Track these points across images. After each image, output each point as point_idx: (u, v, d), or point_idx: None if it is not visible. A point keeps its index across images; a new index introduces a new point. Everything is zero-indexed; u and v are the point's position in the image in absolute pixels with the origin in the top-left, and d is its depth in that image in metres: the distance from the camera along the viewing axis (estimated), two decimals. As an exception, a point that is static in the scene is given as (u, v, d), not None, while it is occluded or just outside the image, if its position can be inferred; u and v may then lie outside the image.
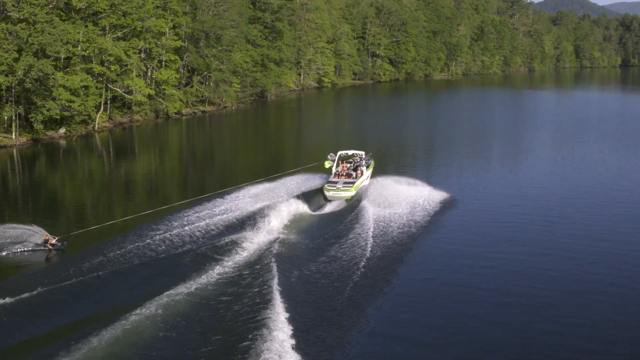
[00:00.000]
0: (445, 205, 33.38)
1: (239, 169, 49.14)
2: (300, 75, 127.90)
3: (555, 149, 54.01)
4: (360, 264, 24.33)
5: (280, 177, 38.19)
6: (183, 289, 21.41)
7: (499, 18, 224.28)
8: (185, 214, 30.78)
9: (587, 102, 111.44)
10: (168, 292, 21.03)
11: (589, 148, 53.81)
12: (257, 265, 23.86)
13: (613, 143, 56.56)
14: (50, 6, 58.75)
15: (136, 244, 26.21)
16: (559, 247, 27.09)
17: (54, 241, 26.60)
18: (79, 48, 59.67)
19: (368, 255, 25.16)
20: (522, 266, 24.91)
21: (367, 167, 38.78)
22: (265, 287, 21.39)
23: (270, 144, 62.92)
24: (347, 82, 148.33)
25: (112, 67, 61.76)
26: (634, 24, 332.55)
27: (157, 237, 27.04)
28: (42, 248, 26.48)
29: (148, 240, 26.57)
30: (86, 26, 60.30)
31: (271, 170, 40.88)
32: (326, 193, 35.07)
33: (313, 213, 32.31)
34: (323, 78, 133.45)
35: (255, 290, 21.35)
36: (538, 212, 32.73)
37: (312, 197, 34.64)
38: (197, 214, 30.86)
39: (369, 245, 26.38)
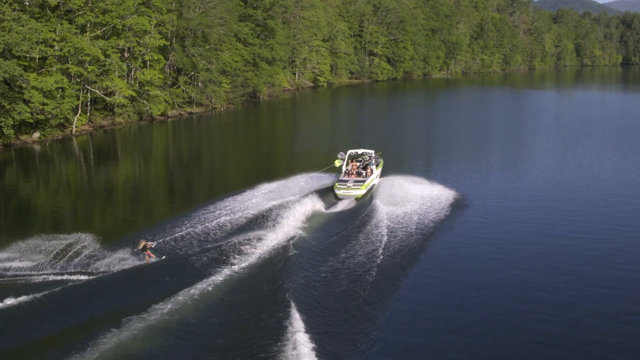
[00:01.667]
0: (455, 204, 33.29)
1: (234, 173, 47.13)
2: (295, 74, 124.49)
3: (560, 156, 50.37)
4: (375, 262, 24.53)
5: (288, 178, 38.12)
6: (197, 288, 21.48)
7: (499, 16, 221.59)
8: (195, 215, 30.73)
9: (590, 103, 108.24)
10: (182, 292, 21.06)
11: (596, 155, 50.17)
12: (272, 263, 24.15)
13: (621, 150, 52.96)
14: (26, 3, 55.42)
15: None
16: (569, 254, 26.53)
17: (153, 245, 25.18)
18: (55, 48, 56.28)
19: (382, 254, 25.34)
20: (534, 268, 24.70)
21: (377, 165, 38.76)
22: (281, 285, 21.57)
23: (262, 147, 60.14)
24: (344, 82, 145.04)
25: (90, 68, 58.16)
26: (634, 22, 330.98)
27: (167, 238, 27.05)
28: (146, 261, 24.41)
29: (159, 241, 26.43)
30: (61, 24, 56.67)
31: (265, 175, 39.93)
32: (337, 192, 35.31)
33: (325, 211, 32.74)
34: (318, 77, 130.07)
35: (271, 288, 21.59)
36: (546, 222, 31.26)
37: (322, 195, 34.63)
38: (209, 214, 30.82)
39: (383, 243, 26.56)
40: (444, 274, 24.14)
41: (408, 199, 33.40)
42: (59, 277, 22.81)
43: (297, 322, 18.59)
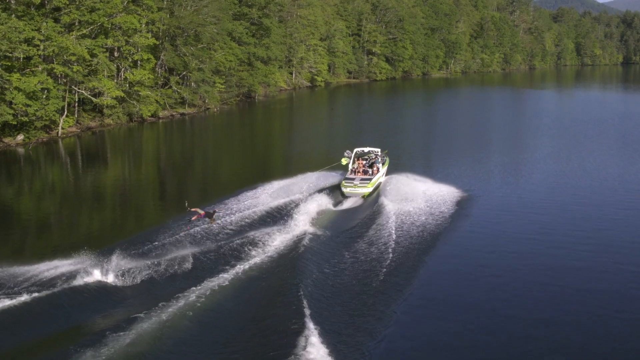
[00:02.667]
0: (462, 202, 33.49)
1: (232, 174, 45.86)
2: (291, 74, 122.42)
3: (564, 160, 48.22)
4: (384, 259, 24.59)
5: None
6: (209, 287, 21.43)
7: (499, 15, 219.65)
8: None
9: (592, 103, 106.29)
10: (191, 290, 21.03)
11: (601, 160, 47.89)
12: (284, 261, 24.14)
13: (627, 153, 50.82)
14: (11, 1, 53.34)
15: (164, 240, 26.22)
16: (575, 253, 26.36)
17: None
18: (40, 47, 54.21)
19: (392, 251, 25.41)
20: (543, 266, 24.75)
21: (383, 164, 39.12)
22: (293, 283, 21.51)
23: (257, 148, 58.48)
24: (342, 81, 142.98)
25: (75, 68, 56.03)
26: (635, 21, 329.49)
27: (172, 239, 26.64)
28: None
29: (169, 239, 26.34)
30: (46, 23, 54.53)
31: (262, 176, 39.42)
32: (344, 189, 35.55)
33: (333, 209, 32.82)
34: (316, 77, 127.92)
35: (283, 286, 21.51)
36: (554, 235, 29.23)
37: (329, 193, 34.95)
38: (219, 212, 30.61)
39: (392, 240, 26.64)
40: (453, 272, 24.10)
41: (415, 197, 33.53)
42: (42, 285, 21.78)
43: (308, 322, 18.48)
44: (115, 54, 66.01)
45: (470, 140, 60.86)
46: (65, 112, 59.00)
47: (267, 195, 33.68)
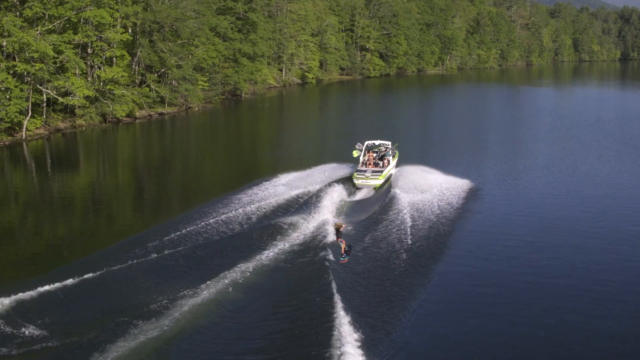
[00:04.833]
0: (473, 194, 34.32)
1: (229, 174, 44.34)
2: (281, 70, 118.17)
3: (570, 167, 44.13)
4: (404, 247, 25.31)
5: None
6: (228, 277, 21.82)
7: (496, 10, 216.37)
8: (211, 209, 30.37)
9: (594, 101, 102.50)
10: (214, 279, 21.54)
11: (610, 166, 43.73)
12: (310, 248, 24.82)
13: (638, 159, 46.87)
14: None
15: (188, 229, 26.78)
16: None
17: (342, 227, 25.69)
18: (3, 44, 50.06)
19: (410, 239, 26.08)
20: (555, 256, 25.09)
21: (393, 156, 40.08)
22: (318, 272, 22.01)
23: (241, 150, 55.41)
24: (334, 78, 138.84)
25: (38, 65, 51.70)
26: (633, 16, 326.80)
27: (182, 232, 26.64)
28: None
29: (184, 230, 26.68)
30: (6, 17, 50.17)
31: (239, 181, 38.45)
32: (355, 181, 36.58)
33: (348, 200, 33.76)
34: (307, 74, 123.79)
35: (311, 275, 21.99)
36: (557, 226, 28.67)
37: (342, 185, 35.57)
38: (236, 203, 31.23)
39: (408, 229, 27.29)
40: (470, 260, 24.68)
41: (426, 188, 34.30)
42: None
43: (332, 310, 18.66)
44: (89, 50, 61.73)
45: (471, 141, 57.76)
46: (30, 113, 54.70)
47: (285, 186, 34.82)
